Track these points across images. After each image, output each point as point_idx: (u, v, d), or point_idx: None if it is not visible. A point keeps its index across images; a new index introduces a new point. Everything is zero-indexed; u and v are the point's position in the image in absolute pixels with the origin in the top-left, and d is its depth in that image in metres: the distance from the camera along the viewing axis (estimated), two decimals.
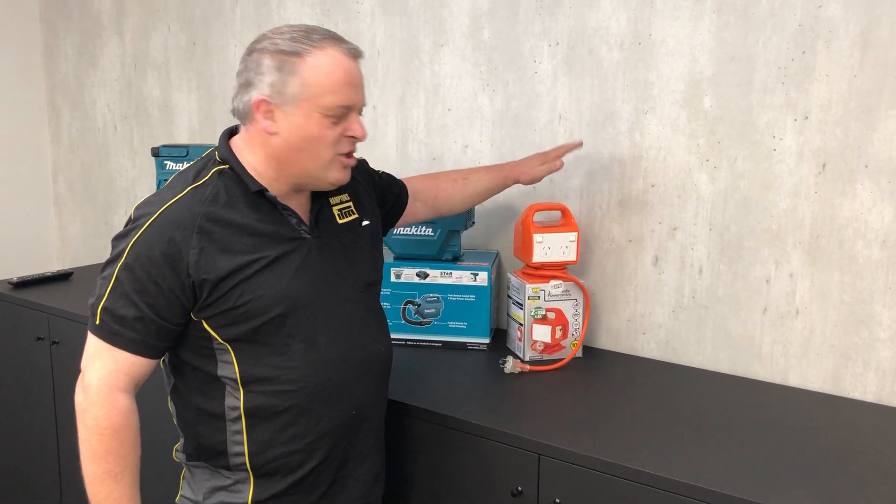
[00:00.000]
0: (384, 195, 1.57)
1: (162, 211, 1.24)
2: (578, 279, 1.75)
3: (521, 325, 1.75)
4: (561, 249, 1.73)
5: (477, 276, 1.82)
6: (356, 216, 1.43)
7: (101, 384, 1.22)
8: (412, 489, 1.55)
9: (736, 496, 1.16)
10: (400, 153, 2.16)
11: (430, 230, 1.85)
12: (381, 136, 2.19)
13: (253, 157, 1.29)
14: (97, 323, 1.23)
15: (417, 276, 1.84)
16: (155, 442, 1.59)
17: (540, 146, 1.91)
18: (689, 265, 1.74)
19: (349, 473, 1.37)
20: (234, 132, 1.34)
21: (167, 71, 2.70)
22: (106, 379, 1.22)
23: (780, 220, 1.62)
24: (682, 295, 1.76)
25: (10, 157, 3.05)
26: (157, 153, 2.18)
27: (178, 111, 2.69)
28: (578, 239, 1.74)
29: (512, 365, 1.68)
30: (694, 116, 1.69)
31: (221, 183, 1.28)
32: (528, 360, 1.74)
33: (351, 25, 2.20)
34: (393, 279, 1.85)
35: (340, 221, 1.40)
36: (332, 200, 1.40)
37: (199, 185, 1.27)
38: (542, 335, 1.74)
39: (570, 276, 1.75)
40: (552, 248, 1.73)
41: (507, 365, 1.69)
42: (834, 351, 1.59)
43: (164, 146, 2.19)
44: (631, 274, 1.82)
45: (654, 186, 1.76)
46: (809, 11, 1.54)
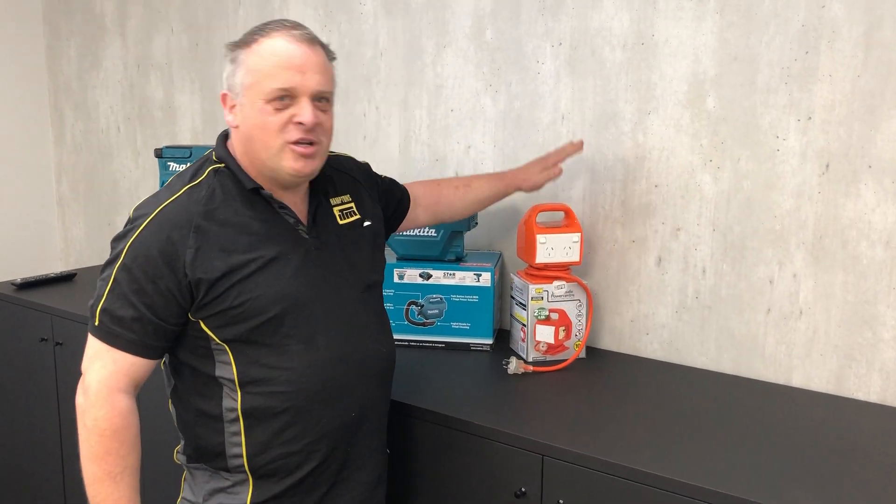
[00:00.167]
0: (386, 199, 1.57)
1: (159, 211, 1.24)
2: (582, 280, 1.75)
3: (524, 325, 1.75)
4: (564, 250, 1.73)
5: (480, 276, 1.82)
6: (358, 217, 1.43)
7: (100, 385, 1.22)
8: (415, 490, 1.55)
9: (739, 497, 1.16)
10: (403, 154, 2.17)
11: (433, 231, 1.85)
12: (383, 137, 2.20)
13: (238, 154, 1.31)
14: (96, 324, 1.24)
15: (420, 276, 1.84)
16: (157, 444, 1.60)
17: (543, 147, 1.91)
18: (692, 266, 1.74)
19: (350, 476, 1.36)
20: None
21: (170, 72, 2.70)
22: (105, 380, 1.23)
23: (783, 220, 1.62)
24: (685, 295, 1.76)
25: (13, 158, 3.06)
26: (160, 154, 2.18)
27: (181, 112, 2.70)
28: (582, 240, 1.74)
29: (515, 366, 1.68)
30: (697, 117, 1.69)
31: (217, 182, 1.28)
32: (531, 360, 1.74)
33: (354, 27, 2.20)
34: (396, 280, 1.85)
35: (341, 222, 1.39)
36: (333, 201, 1.40)
37: (195, 184, 1.28)
38: (545, 336, 1.74)
39: (573, 276, 1.75)
40: (555, 248, 1.73)
41: (510, 366, 1.69)
42: (837, 351, 1.59)
43: (167, 147, 2.19)
44: (634, 274, 1.82)
45: (657, 187, 1.76)
46: (812, 12, 1.54)
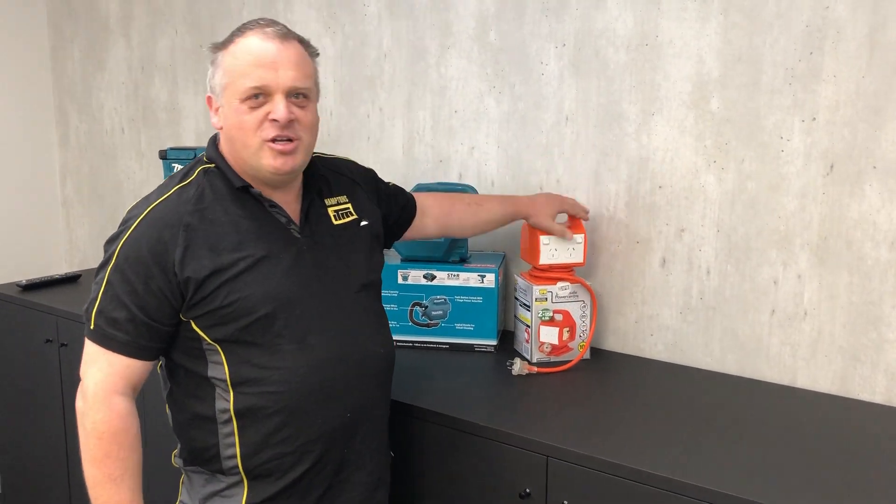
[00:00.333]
0: (389, 205, 1.57)
1: (148, 211, 1.25)
2: (585, 281, 1.75)
3: (528, 326, 1.75)
4: (568, 251, 1.73)
5: (484, 277, 1.82)
6: (354, 217, 1.42)
7: (97, 388, 1.23)
8: (420, 491, 1.55)
9: (744, 498, 1.16)
10: (406, 155, 2.17)
11: None
12: (387, 138, 2.20)
13: (226, 154, 1.31)
14: (92, 328, 1.25)
15: (424, 277, 1.85)
16: (159, 448, 1.60)
17: (547, 148, 1.91)
18: (696, 266, 1.74)
19: (347, 478, 1.34)
20: None
21: (174, 74, 2.71)
22: (102, 383, 1.23)
23: (787, 221, 1.62)
24: (689, 296, 1.76)
25: (18, 160, 3.07)
26: (164, 156, 2.19)
27: (185, 114, 2.70)
28: (585, 241, 1.74)
29: (519, 367, 1.68)
30: (701, 118, 1.69)
31: (207, 181, 1.29)
32: (535, 361, 1.74)
33: (357, 28, 2.21)
34: (400, 281, 1.85)
35: (336, 222, 1.39)
36: (328, 201, 1.40)
37: (185, 184, 1.29)
38: (549, 337, 1.74)
39: (577, 277, 1.75)
40: (559, 250, 1.73)
41: (514, 367, 1.69)
42: (842, 352, 1.58)
43: (171, 149, 2.20)
44: (638, 275, 1.82)
45: (661, 188, 1.76)
46: (817, 12, 1.54)
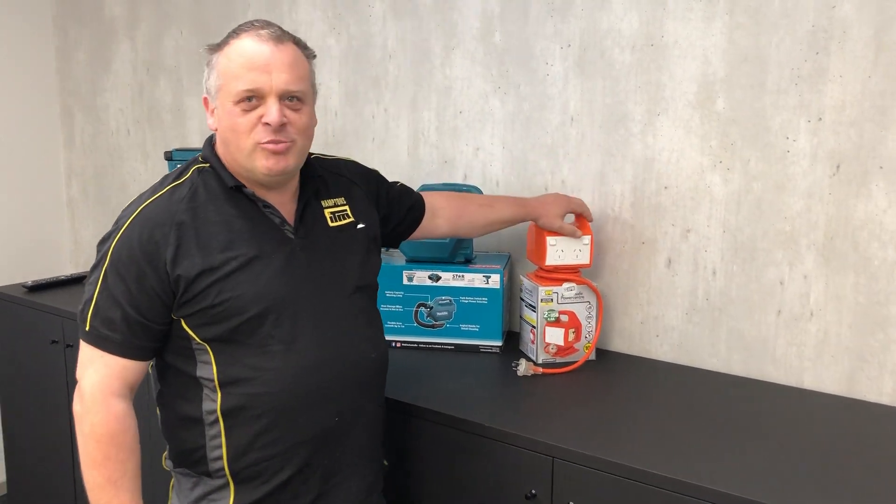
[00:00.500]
0: (392, 207, 1.56)
1: (140, 210, 1.25)
2: (591, 282, 1.75)
3: (533, 327, 1.75)
4: (574, 252, 1.73)
5: (489, 278, 1.82)
6: (351, 219, 1.41)
7: (94, 390, 1.22)
8: (425, 492, 1.55)
9: (751, 499, 1.16)
10: (411, 156, 2.17)
11: None
12: (392, 138, 2.20)
13: (221, 155, 1.31)
14: (87, 329, 1.24)
15: (430, 278, 1.84)
16: (153, 451, 1.59)
17: (552, 149, 1.91)
18: (702, 267, 1.74)
19: (338, 484, 1.33)
20: None
21: (179, 75, 2.71)
22: (99, 385, 1.23)
23: (793, 221, 1.61)
24: (695, 297, 1.75)
25: (23, 161, 3.08)
26: (170, 157, 2.19)
27: (189, 115, 2.71)
28: (592, 242, 1.74)
29: (525, 368, 1.68)
30: (707, 118, 1.69)
31: (200, 180, 1.29)
32: (540, 362, 1.74)
33: (362, 29, 2.21)
34: (405, 282, 1.85)
35: (332, 224, 1.38)
36: (324, 203, 1.39)
37: (178, 183, 1.29)
38: (554, 338, 1.73)
39: (582, 278, 1.75)
40: (565, 251, 1.73)
41: (519, 368, 1.69)
42: (849, 353, 1.58)
43: (176, 150, 2.21)
44: (644, 276, 1.82)
45: (666, 188, 1.76)
46: (822, 12, 1.53)
